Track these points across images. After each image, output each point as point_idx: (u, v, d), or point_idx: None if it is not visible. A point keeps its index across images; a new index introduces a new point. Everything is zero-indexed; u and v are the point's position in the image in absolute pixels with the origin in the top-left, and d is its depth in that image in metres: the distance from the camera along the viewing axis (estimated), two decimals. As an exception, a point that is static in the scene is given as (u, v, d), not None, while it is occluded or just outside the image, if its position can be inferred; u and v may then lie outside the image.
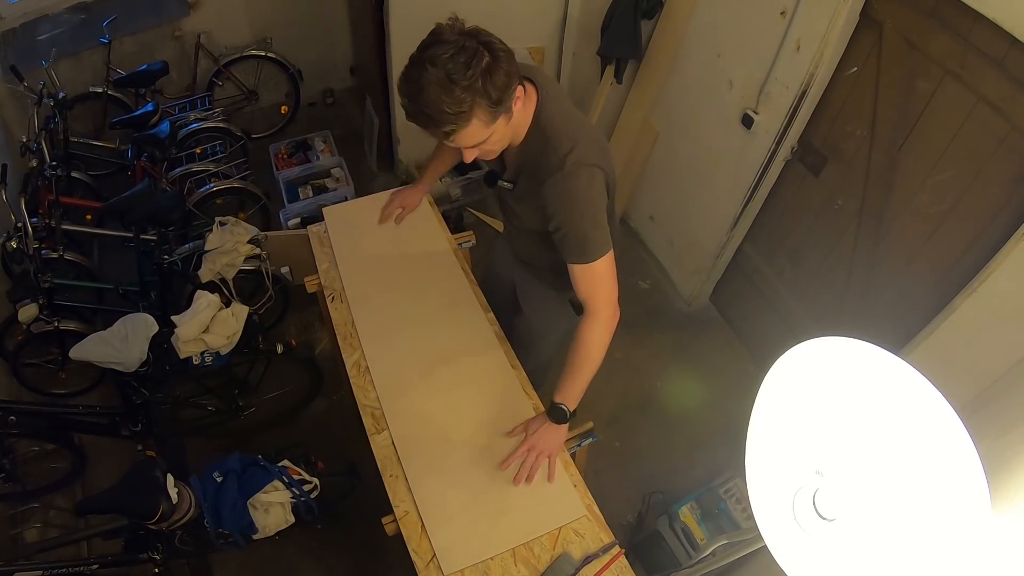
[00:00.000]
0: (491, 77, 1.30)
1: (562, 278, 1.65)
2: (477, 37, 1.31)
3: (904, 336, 2.21)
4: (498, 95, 1.32)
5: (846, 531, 0.97)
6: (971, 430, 0.90)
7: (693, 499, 2.36)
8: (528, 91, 1.50)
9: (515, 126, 1.48)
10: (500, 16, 3.45)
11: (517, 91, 1.40)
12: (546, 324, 2.08)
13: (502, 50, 1.33)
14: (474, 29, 1.33)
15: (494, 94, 1.31)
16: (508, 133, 1.47)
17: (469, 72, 1.27)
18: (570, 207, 1.50)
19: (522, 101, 1.44)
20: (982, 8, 1.80)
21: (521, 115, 1.47)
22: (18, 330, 2.51)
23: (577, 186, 1.48)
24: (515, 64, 1.36)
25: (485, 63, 1.29)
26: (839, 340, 1.03)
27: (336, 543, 2.52)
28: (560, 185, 1.48)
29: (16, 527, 2.47)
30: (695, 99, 2.97)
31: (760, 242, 3.00)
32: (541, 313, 2.07)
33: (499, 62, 1.31)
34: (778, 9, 2.38)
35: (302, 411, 2.83)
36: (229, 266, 2.62)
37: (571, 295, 1.77)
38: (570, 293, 1.72)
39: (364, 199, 2.56)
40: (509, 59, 1.34)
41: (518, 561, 1.60)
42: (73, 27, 3.41)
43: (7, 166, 2.50)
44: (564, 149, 1.47)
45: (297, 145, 3.76)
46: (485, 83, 1.29)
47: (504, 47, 1.34)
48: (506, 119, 1.40)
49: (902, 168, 2.23)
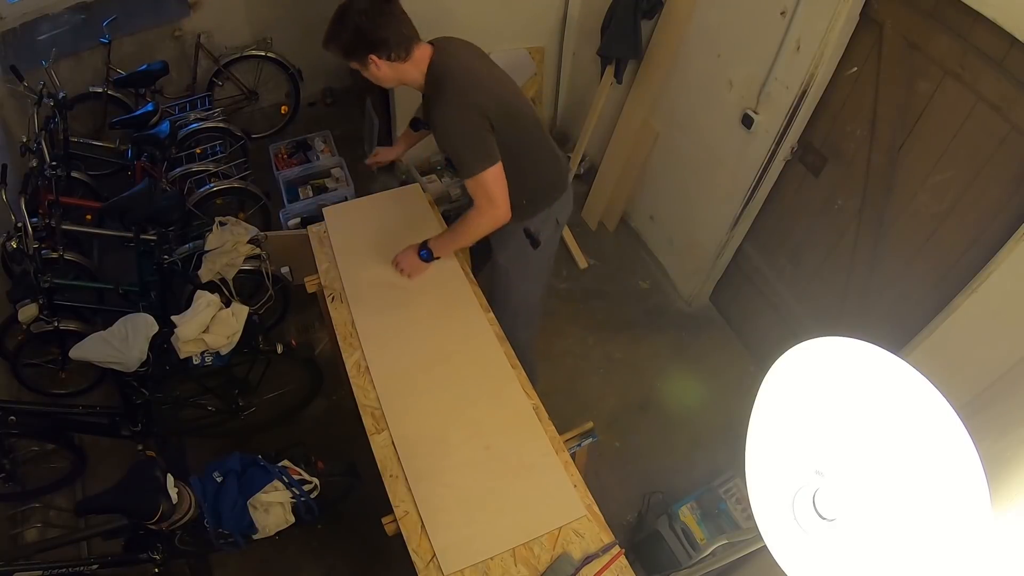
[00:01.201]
0: (370, 32, 1.83)
1: (514, 208, 2.00)
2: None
3: (904, 336, 2.21)
4: (373, 42, 1.84)
5: (846, 531, 0.97)
6: (971, 430, 0.90)
7: (693, 499, 2.36)
8: (422, 50, 1.92)
9: (401, 71, 1.92)
10: (500, 16, 3.46)
11: (414, 47, 1.90)
12: (510, 259, 2.29)
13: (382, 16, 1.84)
14: None
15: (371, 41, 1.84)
16: (392, 74, 1.92)
17: (361, 25, 1.82)
18: (448, 137, 1.92)
19: (410, 59, 1.91)
20: (982, 8, 1.80)
21: (409, 66, 1.92)
22: (18, 330, 2.50)
23: (450, 120, 1.89)
24: (395, 30, 1.85)
25: (367, 27, 1.83)
26: (839, 340, 1.03)
27: (336, 543, 2.52)
28: (439, 121, 1.90)
29: (16, 527, 2.47)
30: (695, 99, 2.97)
31: (760, 242, 3.00)
32: (505, 246, 2.27)
33: (378, 24, 1.83)
34: (778, 9, 2.38)
35: (302, 411, 2.83)
36: (229, 266, 2.62)
37: (526, 224, 2.16)
38: (524, 222, 2.15)
39: (364, 199, 2.56)
40: (389, 24, 1.84)
41: (518, 561, 1.60)
42: (73, 27, 3.41)
43: (7, 166, 2.50)
44: (446, 92, 1.88)
45: (297, 145, 3.76)
46: (364, 35, 1.84)
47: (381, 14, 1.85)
48: (387, 63, 1.89)
49: (902, 168, 2.23)
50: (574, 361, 3.15)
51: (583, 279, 3.51)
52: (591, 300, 3.41)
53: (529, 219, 2.16)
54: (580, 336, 3.24)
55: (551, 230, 2.23)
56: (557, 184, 2.19)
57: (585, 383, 3.08)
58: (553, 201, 2.17)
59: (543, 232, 2.20)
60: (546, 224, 2.19)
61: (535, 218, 2.16)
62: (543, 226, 2.19)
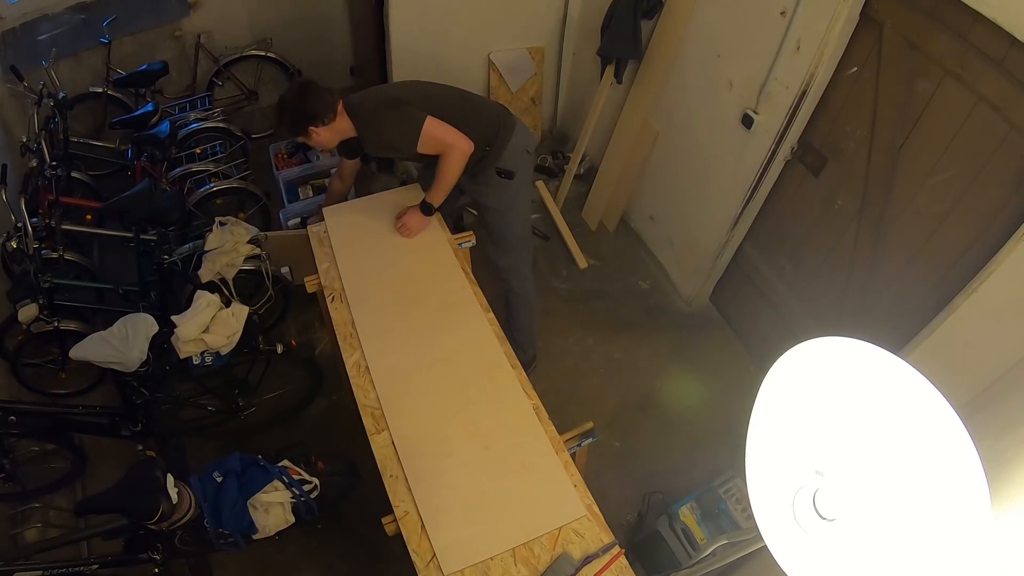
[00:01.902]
0: (303, 110, 2.21)
1: (474, 159, 2.33)
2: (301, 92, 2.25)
3: (904, 336, 2.21)
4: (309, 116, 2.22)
5: (846, 531, 0.97)
6: (971, 430, 0.90)
7: (693, 499, 2.36)
8: (339, 105, 2.26)
9: (335, 129, 2.26)
10: (500, 16, 3.46)
11: (337, 107, 2.25)
12: (497, 198, 2.52)
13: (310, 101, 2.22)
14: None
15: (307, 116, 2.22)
16: (330, 135, 2.28)
17: (295, 108, 2.22)
18: (379, 134, 2.30)
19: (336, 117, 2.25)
20: (982, 8, 1.80)
21: (339, 121, 2.26)
22: (18, 330, 2.50)
23: (373, 124, 2.29)
24: (322, 102, 2.21)
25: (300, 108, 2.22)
26: (839, 340, 1.03)
27: (336, 543, 2.52)
28: (369, 133, 2.30)
29: (16, 527, 2.47)
30: (695, 99, 2.98)
31: (760, 242, 3.00)
32: (488, 193, 2.51)
33: (307, 102, 2.21)
34: (778, 9, 2.38)
35: (302, 411, 2.83)
36: (229, 266, 2.62)
37: (495, 166, 2.43)
38: (495, 164, 2.42)
39: (364, 199, 2.56)
40: (316, 99, 2.21)
41: (518, 561, 1.60)
42: (73, 27, 3.41)
43: (7, 166, 2.50)
44: (364, 110, 2.28)
45: (297, 145, 3.75)
46: (300, 114, 2.22)
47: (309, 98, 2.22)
48: (324, 129, 2.25)
49: (902, 168, 2.23)
50: (574, 361, 3.15)
51: (583, 279, 3.51)
52: (591, 300, 3.41)
53: (496, 160, 2.41)
54: (580, 336, 3.24)
55: (521, 159, 2.46)
56: (502, 124, 2.41)
57: (585, 383, 3.08)
58: (509, 137, 2.40)
59: (514, 164, 2.44)
60: (514, 156, 2.43)
61: (501, 157, 2.40)
62: (512, 159, 2.43)
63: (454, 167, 2.28)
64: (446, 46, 3.39)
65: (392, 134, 2.27)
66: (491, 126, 2.38)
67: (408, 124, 2.23)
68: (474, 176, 2.45)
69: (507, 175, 2.43)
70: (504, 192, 2.48)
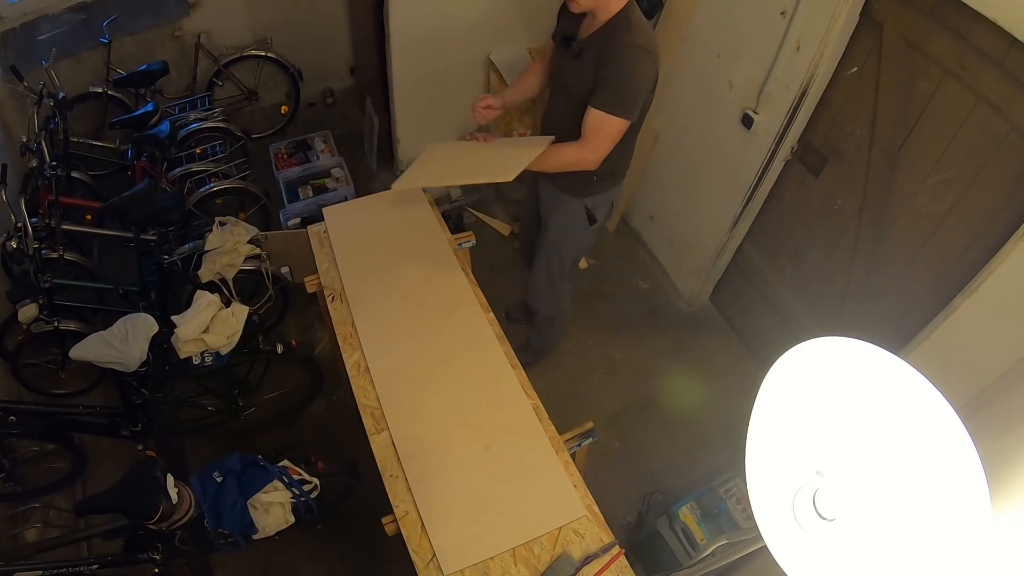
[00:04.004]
0: None
1: (581, 182, 2.21)
2: None
3: (904, 336, 2.21)
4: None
5: (846, 531, 0.97)
6: (971, 430, 0.90)
7: (693, 499, 2.36)
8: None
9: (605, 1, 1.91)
10: (500, 16, 3.46)
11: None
12: (563, 230, 2.44)
13: None
14: None
15: None
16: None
17: None
18: (622, 69, 1.92)
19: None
20: (982, 8, 1.80)
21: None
22: (18, 330, 2.50)
23: (637, 60, 1.91)
24: None
25: None
26: (839, 340, 1.03)
27: (336, 543, 2.52)
28: (626, 52, 1.90)
29: (16, 527, 2.47)
30: (695, 99, 2.97)
31: (760, 242, 3.00)
32: (560, 218, 2.42)
33: None
34: (778, 9, 2.38)
35: (302, 411, 2.83)
36: (229, 266, 2.62)
37: (587, 201, 2.30)
38: (586, 199, 2.29)
39: (364, 199, 2.56)
40: None
41: (518, 561, 1.61)
42: (73, 27, 3.41)
43: (7, 166, 2.50)
44: (641, 39, 1.91)
45: (297, 145, 3.76)
46: None
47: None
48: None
49: (902, 168, 2.23)
50: (574, 361, 3.15)
51: (583, 279, 3.51)
52: (591, 300, 3.41)
53: (592, 196, 2.32)
54: (580, 336, 3.24)
55: (606, 211, 2.41)
56: (623, 171, 2.34)
57: (585, 383, 3.08)
58: (615, 185, 2.35)
59: (599, 212, 2.38)
60: (603, 205, 2.37)
61: (597, 197, 2.32)
62: (601, 206, 2.37)
63: (566, 161, 2.09)
64: (446, 46, 3.39)
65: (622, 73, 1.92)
66: (618, 166, 2.27)
67: (628, 96, 1.95)
68: (561, 191, 2.34)
69: (591, 217, 2.36)
70: (575, 229, 2.41)
